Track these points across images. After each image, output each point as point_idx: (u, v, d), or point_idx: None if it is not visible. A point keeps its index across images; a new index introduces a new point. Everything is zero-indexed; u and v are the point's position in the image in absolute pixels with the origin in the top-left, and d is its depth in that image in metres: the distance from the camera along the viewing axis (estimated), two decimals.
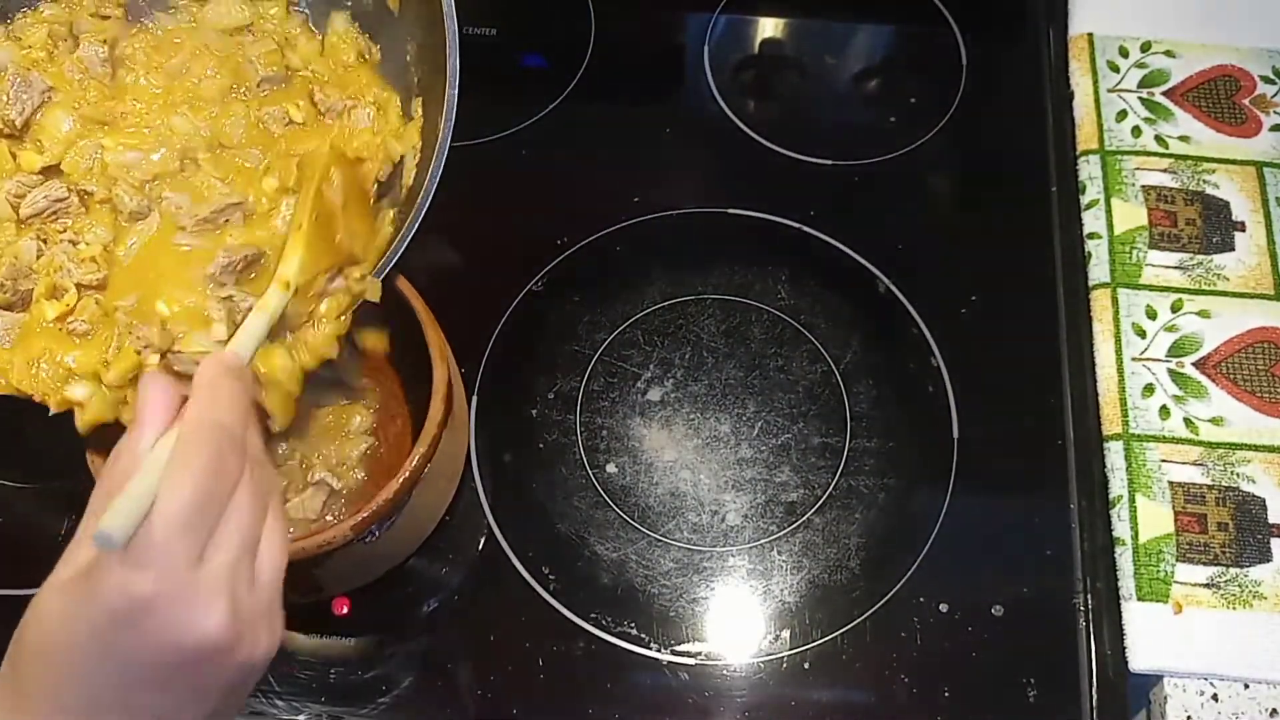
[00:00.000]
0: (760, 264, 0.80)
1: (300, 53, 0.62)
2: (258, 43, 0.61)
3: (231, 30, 0.62)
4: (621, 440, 0.74)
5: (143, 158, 0.57)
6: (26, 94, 0.57)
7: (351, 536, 0.58)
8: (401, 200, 0.63)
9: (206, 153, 0.58)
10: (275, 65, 0.61)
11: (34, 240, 0.55)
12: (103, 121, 0.58)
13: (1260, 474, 0.70)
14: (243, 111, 0.60)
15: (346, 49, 0.63)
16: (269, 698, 0.67)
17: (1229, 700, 0.64)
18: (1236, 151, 0.81)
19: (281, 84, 0.61)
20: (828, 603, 0.69)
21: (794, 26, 0.93)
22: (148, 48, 0.61)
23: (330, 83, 0.62)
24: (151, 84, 0.60)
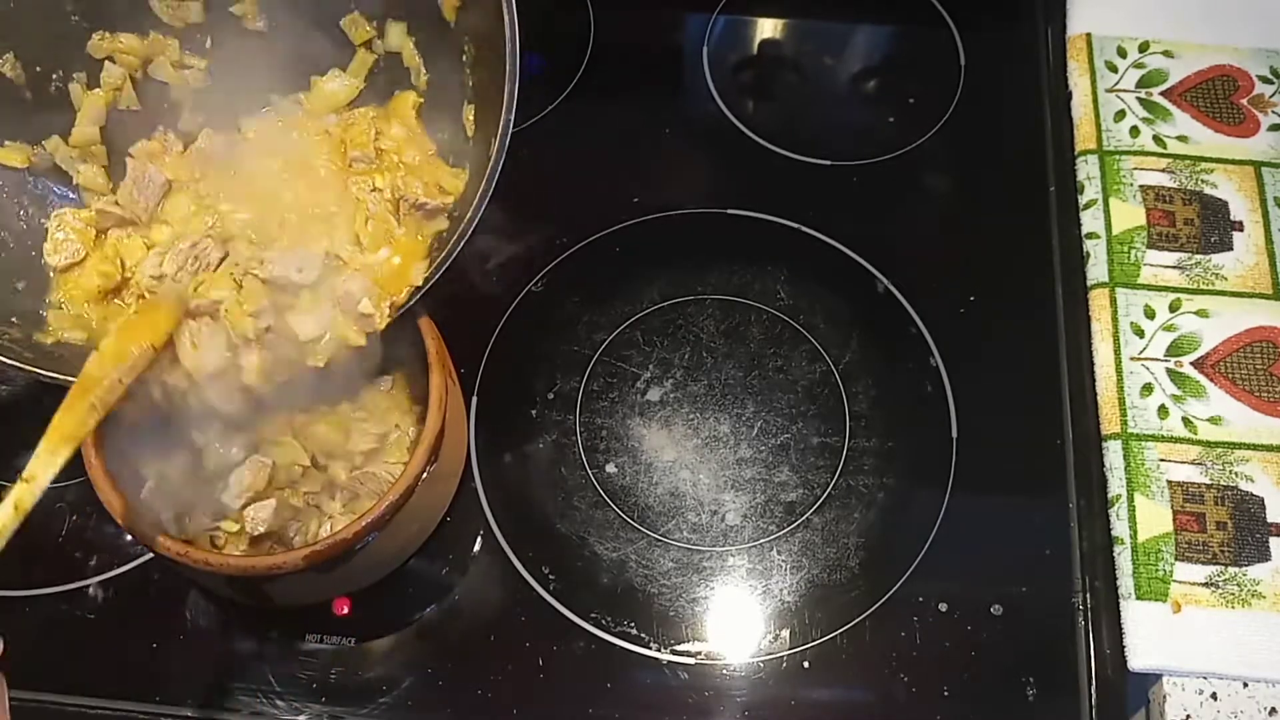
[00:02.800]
0: (760, 264, 0.80)
1: (391, 136, 0.66)
2: (354, 126, 0.66)
3: (347, 106, 0.67)
4: (621, 440, 0.74)
5: (253, 218, 0.61)
6: (149, 189, 0.63)
7: (351, 542, 0.58)
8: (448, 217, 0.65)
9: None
10: (366, 147, 0.64)
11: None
12: (220, 199, 0.63)
13: (1259, 473, 0.70)
14: (340, 186, 0.64)
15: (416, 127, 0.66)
16: (269, 698, 0.67)
17: (1228, 699, 0.64)
18: (1235, 151, 0.81)
19: (371, 163, 0.65)
20: (827, 602, 0.69)
21: (793, 27, 0.93)
22: (267, 134, 0.66)
23: (409, 171, 0.65)
24: (269, 165, 0.64)
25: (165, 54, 0.66)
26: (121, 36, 0.64)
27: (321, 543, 0.58)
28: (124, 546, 0.71)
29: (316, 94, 0.67)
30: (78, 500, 0.72)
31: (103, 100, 0.65)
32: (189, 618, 0.69)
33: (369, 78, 0.68)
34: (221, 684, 0.67)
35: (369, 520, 0.58)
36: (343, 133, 0.66)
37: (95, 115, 0.65)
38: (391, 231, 0.63)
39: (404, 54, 0.66)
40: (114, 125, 0.66)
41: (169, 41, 0.66)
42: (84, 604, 0.69)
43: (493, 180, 0.59)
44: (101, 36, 0.64)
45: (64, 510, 0.72)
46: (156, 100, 0.67)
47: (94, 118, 0.65)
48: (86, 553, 0.71)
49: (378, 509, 0.59)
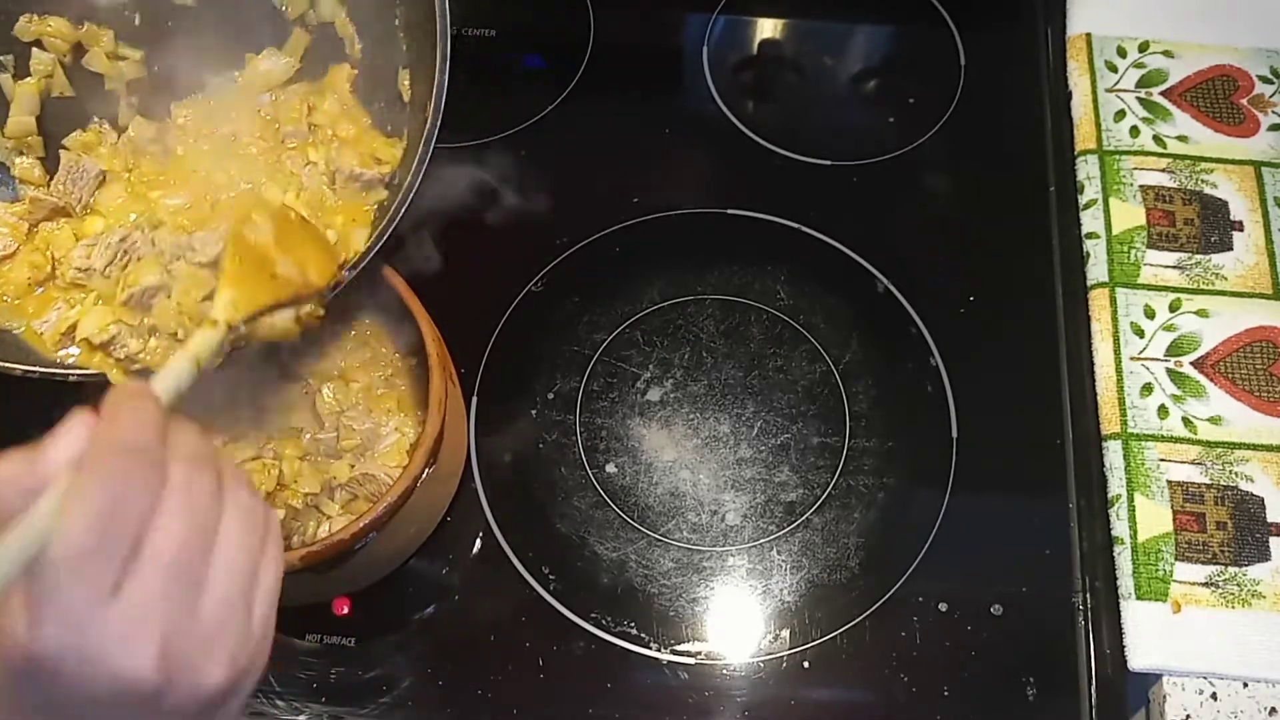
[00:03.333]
0: (759, 264, 0.80)
1: (324, 111, 0.66)
2: (286, 103, 0.66)
3: (283, 85, 0.66)
4: (621, 440, 0.74)
5: (186, 203, 0.61)
6: (82, 180, 0.62)
7: (349, 544, 0.58)
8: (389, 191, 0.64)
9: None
10: (298, 122, 0.65)
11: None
12: (153, 185, 0.63)
13: (1259, 473, 0.70)
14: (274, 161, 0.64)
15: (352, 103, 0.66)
16: (269, 698, 0.67)
17: (1228, 699, 0.64)
18: (1235, 151, 0.81)
19: (304, 138, 0.65)
20: (827, 602, 0.69)
21: (793, 27, 0.93)
22: (198, 117, 0.65)
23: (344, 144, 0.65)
24: (200, 149, 0.64)
25: (99, 44, 0.65)
26: (50, 20, 0.63)
27: (319, 543, 0.58)
28: None
29: (251, 71, 0.67)
30: None
31: (34, 89, 0.64)
32: None
33: (304, 57, 0.67)
34: None
35: (366, 522, 0.58)
36: (274, 110, 0.65)
37: (29, 105, 0.64)
38: (326, 203, 0.62)
39: (337, 23, 0.66)
40: (50, 114, 0.65)
41: (103, 31, 0.65)
42: None
43: (430, 143, 0.59)
44: (29, 19, 0.63)
45: None
46: (91, 89, 0.66)
47: (28, 107, 0.64)
48: None
49: (375, 511, 0.59)
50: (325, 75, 0.67)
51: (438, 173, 0.60)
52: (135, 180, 0.63)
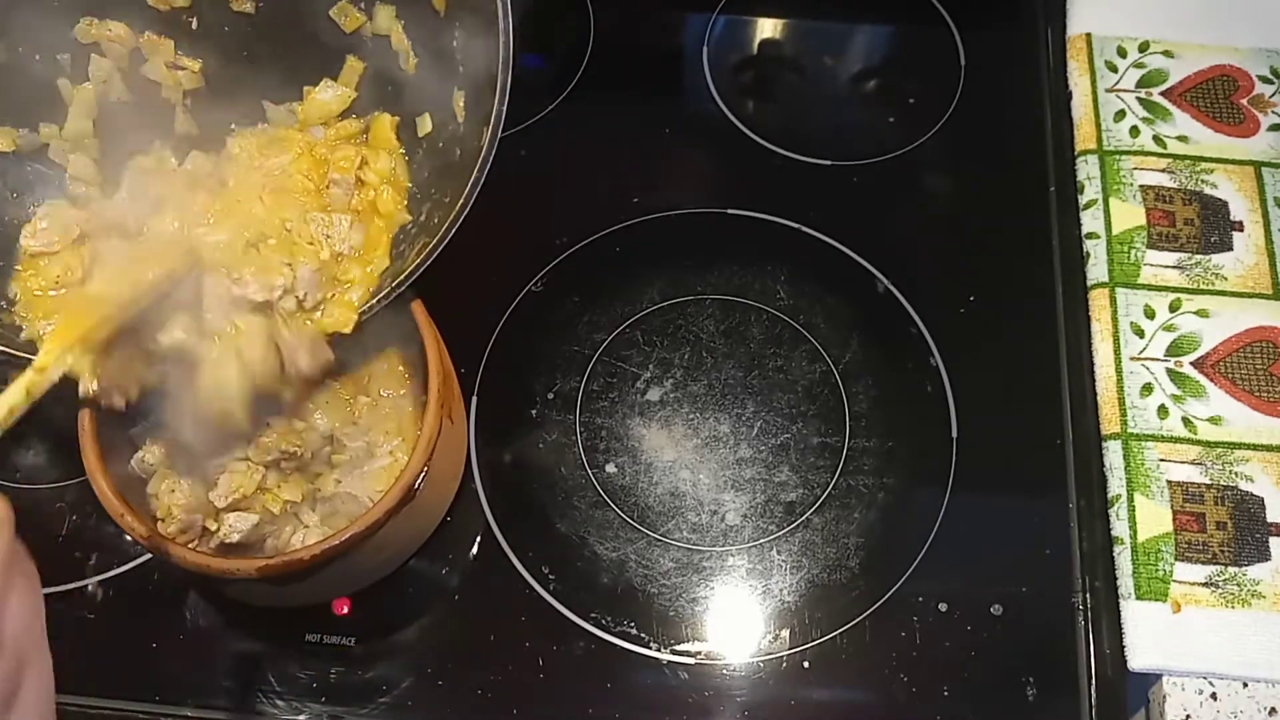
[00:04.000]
0: (759, 264, 0.80)
1: (375, 170, 0.66)
2: (341, 150, 0.66)
3: (335, 116, 0.67)
4: (621, 440, 0.74)
5: (225, 238, 0.61)
6: (143, 202, 0.63)
7: (305, 564, 0.59)
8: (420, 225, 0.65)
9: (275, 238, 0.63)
10: (348, 173, 0.65)
11: None
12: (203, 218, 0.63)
13: (1259, 473, 0.70)
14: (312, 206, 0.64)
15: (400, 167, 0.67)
16: (269, 698, 0.67)
17: (1228, 699, 0.64)
18: (1235, 151, 0.81)
19: (348, 190, 0.65)
20: (827, 602, 0.69)
21: (793, 27, 0.93)
22: (253, 148, 0.66)
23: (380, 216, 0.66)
24: (249, 180, 0.65)
25: (158, 53, 0.66)
26: (110, 24, 0.64)
27: (276, 558, 0.59)
28: (124, 546, 0.71)
29: (310, 104, 0.67)
30: (78, 500, 0.73)
31: (92, 94, 0.65)
32: (189, 618, 0.69)
33: (359, 86, 0.68)
34: (221, 684, 0.67)
35: (324, 548, 0.59)
36: (329, 152, 0.66)
37: (86, 109, 0.65)
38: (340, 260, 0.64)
39: (393, 37, 0.66)
40: (106, 118, 0.66)
41: (163, 42, 0.65)
42: (84, 604, 0.69)
43: (484, 170, 0.59)
44: (89, 22, 0.63)
45: (64, 510, 0.72)
46: (150, 98, 0.67)
47: (85, 111, 0.65)
48: (86, 553, 0.71)
49: (339, 538, 0.59)
50: (372, 125, 0.68)
51: None
52: (190, 212, 0.63)
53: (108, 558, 0.71)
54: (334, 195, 0.65)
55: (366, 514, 0.60)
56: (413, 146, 0.67)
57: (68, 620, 0.69)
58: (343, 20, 0.66)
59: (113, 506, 0.59)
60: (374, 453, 0.66)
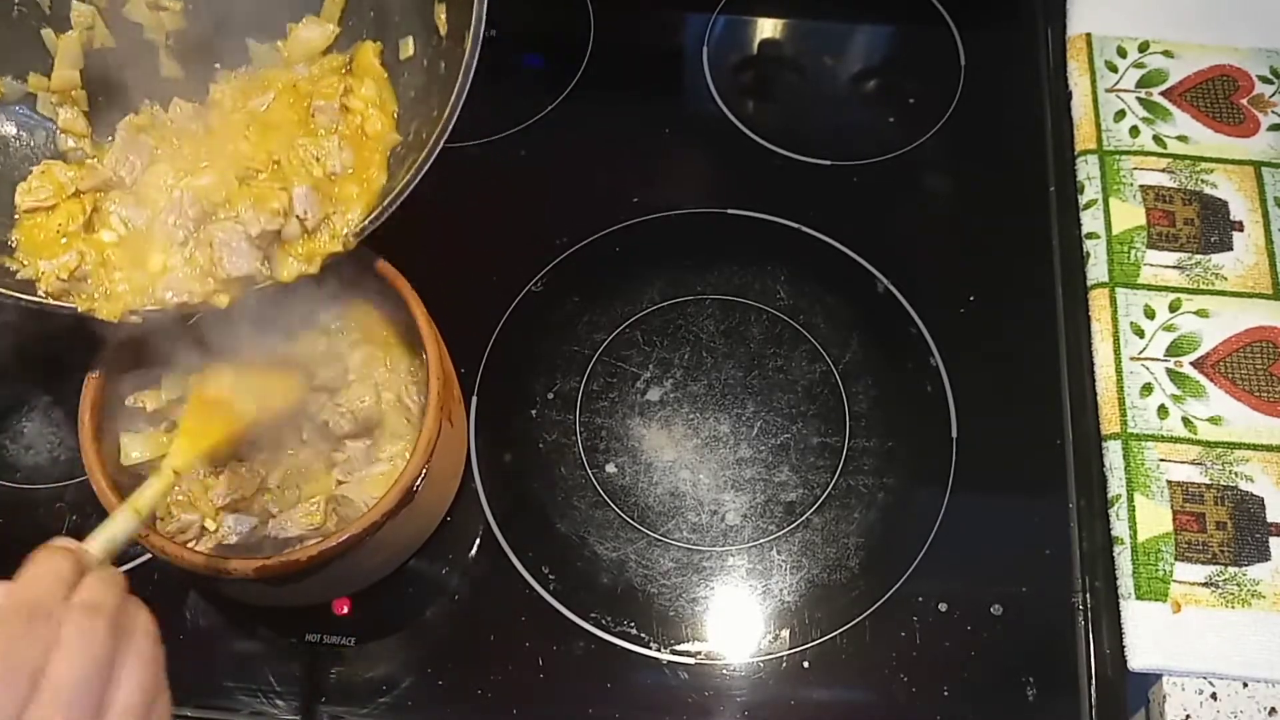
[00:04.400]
0: (759, 264, 0.80)
1: (360, 96, 0.65)
2: (324, 80, 0.66)
3: (319, 53, 0.67)
4: (621, 440, 0.74)
5: (213, 180, 0.61)
6: (136, 154, 0.62)
7: (302, 565, 0.59)
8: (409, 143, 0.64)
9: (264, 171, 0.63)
10: (332, 98, 0.64)
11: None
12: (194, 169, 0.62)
13: (1259, 473, 0.70)
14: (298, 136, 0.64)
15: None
16: (269, 698, 0.67)
17: (1228, 699, 0.64)
18: (1234, 151, 0.81)
19: (333, 117, 0.64)
20: (827, 602, 0.69)
21: (793, 27, 0.93)
22: (236, 92, 0.66)
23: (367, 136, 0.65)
24: (233, 119, 0.64)
25: None
26: None
27: (274, 559, 0.59)
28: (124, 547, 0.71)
29: (294, 41, 0.67)
30: (77, 500, 0.73)
31: (77, 42, 0.64)
32: (189, 618, 0.69)
33: (342, 20, 0.67)
34: (221, 684, 0.67)
35: (324, 548, 0.59)
36: (311, 85, 0.65)
37: (72, 58, 0.65)
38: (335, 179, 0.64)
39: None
40: (92, 67, 0.65)
41: None
42: None
43: (468, 76, 0.59)
44: None
45: (64, 510, 0.72)
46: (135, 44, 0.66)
47: (71, 60, 0.64)
48: None
49: (337, 539, 0.59)
50: (355, 53, 0.67)
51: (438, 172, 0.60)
52: (179, 161, 0.63)
53: None
54: (319, 123, 0.64)
55: (365, 515, 0.60)
56: (397, 69, 0.66)
57: None
58: None
59: (112, 506, 0.59)
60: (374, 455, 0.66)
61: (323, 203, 0.61)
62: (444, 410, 0.63)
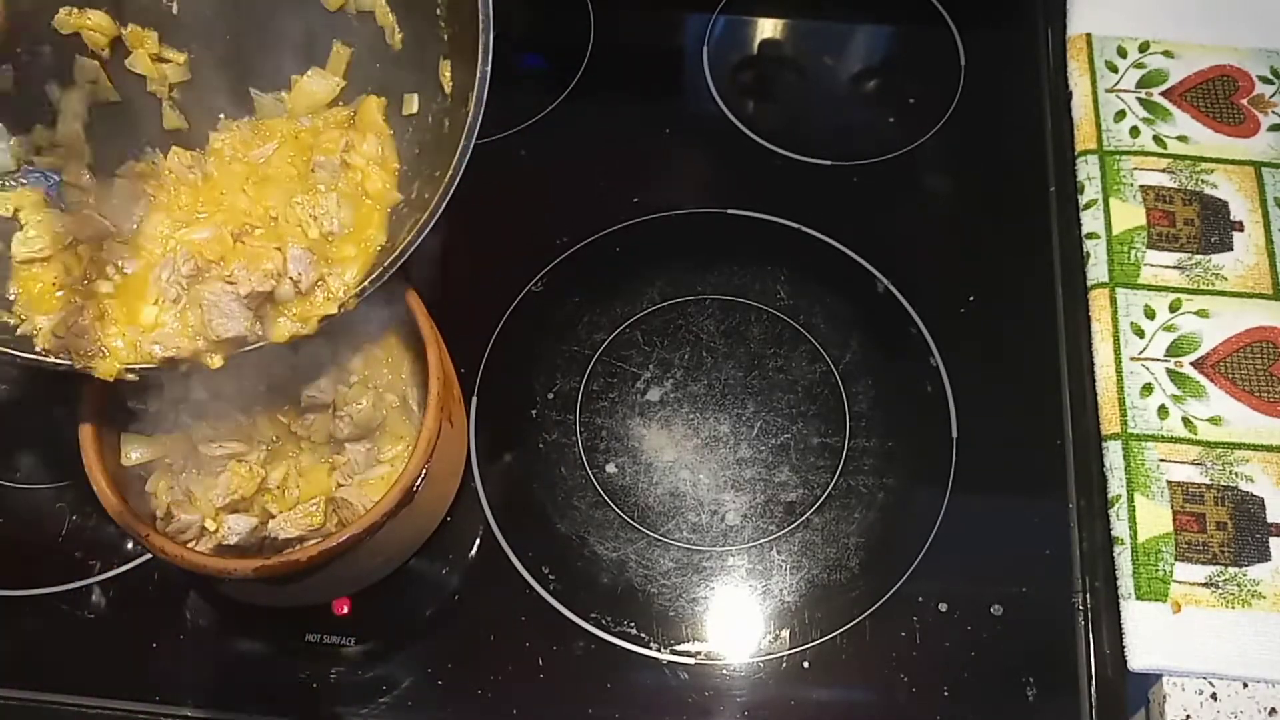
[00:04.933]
0: (759, 264, 0.80)
1: (361, 152, 0.65)
2: (326, 133, 0.65)
3: (324, 106, 0.67)
4: (621, 440, 0.74)
5: (210, 235, 0.61)
6: (134, 204, 0.62)
7: (302, 565, 0.59)
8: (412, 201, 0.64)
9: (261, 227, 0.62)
10: (333, 154, 0.64)
11: None
12: (191, 219, 0.62)
13: (1259, 473, 0.70)
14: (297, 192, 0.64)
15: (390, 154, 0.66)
16: (269, 698, 0.67)
17: (1228, 699, 0.64)
18: (1235, 151, 0.81)
19: (334, 173, 0.64)
20: (827, 602, 0.69)
21: (793, 27, 0.93)
22: (237, 141, 0.66)
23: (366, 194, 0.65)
24: (232, 170, 0.64)
25: (144, 46, 0.65)
26: (90, 13, 0.63)
27: (274, 559, 0.59)
28: (124, 546, 0.71)
29: (298, 92, 0.67)
30: (77, 500, 0.73)
31: (80, 98, 0.64)
32: (189, 618, 0.69)
33: (347, 73, 0.67)
34: (221, 684, 0.67)
35: (324, 548, 0.59)
36: (313, 138, 0.65)
37: (76, 113, 0.65)
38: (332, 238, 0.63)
39: (377, 12, 0.65)
40: (97, 120, 0.65)
41: (147, 34, 0.65)
42: (84, 604, 0.69)
43: (470, 140, 0.59)
44: (69, 12, 0.62)
45: (64, 510, 0.72)
46: (138, 95, 0.66)
47: (76, 115, 0.65)
48: (86, 553, 0.71)
49: (336, 539, 0.59)
50: (359, 108, 0.67)
51: None
52: (177, 211, 0.63)
53: (108, 558, 0.71)
54: (319, 179, 0.64)
55: (365, 516, 0.60)
56: (401, 126, 0.66)
57: (68, 620, 0.69)
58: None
59: (112, 506, 0.59)
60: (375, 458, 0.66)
61: (318, 264, 0.60)
62: (444, 410, 0.63)
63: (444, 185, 0.59)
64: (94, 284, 0.60)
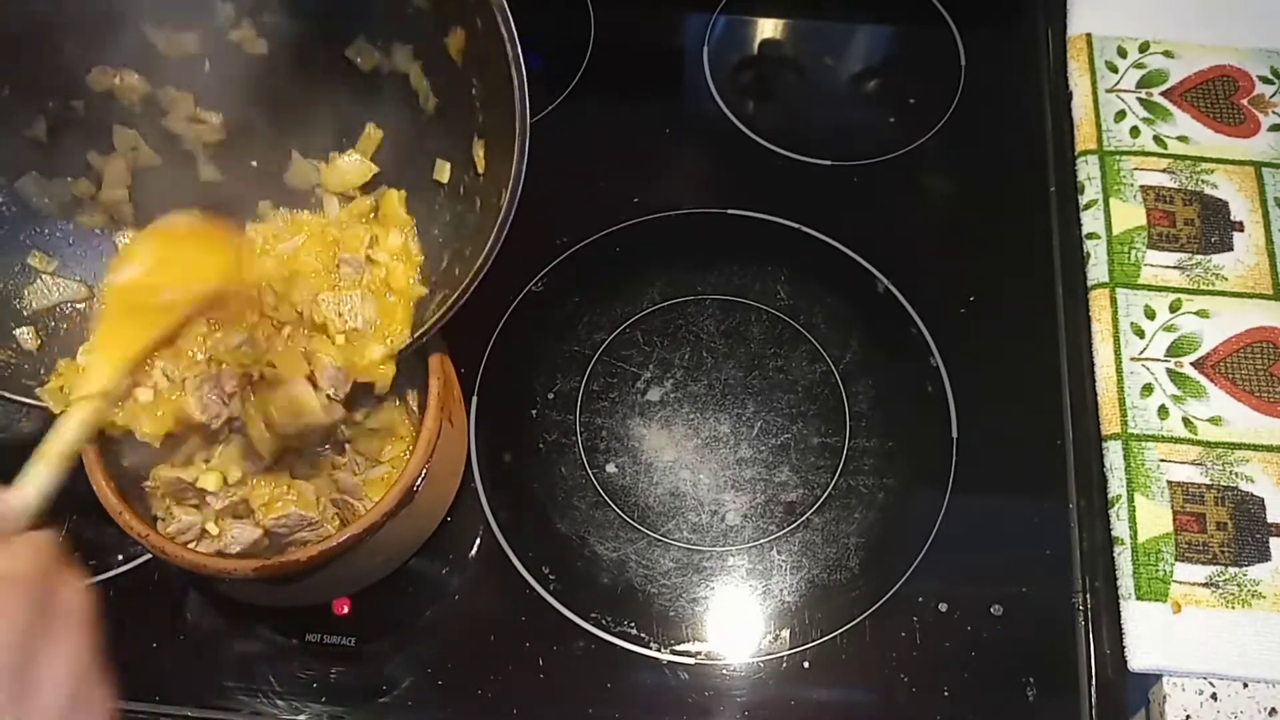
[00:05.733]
0: (760, 264, 0.80)
1: (385, 247, 0.66)
2: (351, 229, 0.66)
3: (354, 188, 0.68)
4: (621, 440, 0.74)
5: (246, 337, 0.61)
6: None
7: (302, 565, 0.59)
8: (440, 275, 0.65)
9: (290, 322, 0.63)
10: (357, 251, 0.65)
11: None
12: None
13: (1259, 473, 0.70)
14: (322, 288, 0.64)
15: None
16: (269, 697, 0.67)
17: (1228, 699, 0.64)
18: (1235, 152, 0.81)
19: (359, 270, 0.65)
20: (827, 602, 0.69)
21: (793, 27, 0.93)
22: (269, 234, 0.67)
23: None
24: (263, 267, 0.65)
25: (179, 108, 0.66)
26: (123, 72, 0.64)
27: (273, 559, 0.59)
28: (124, 546, 0.71)
29: (332, 171, 0.68)
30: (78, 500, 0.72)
31: (122, 164, 0.66)
32: (189, 618, 0.69)
33: (378, 155, 0.68)
34: (221, 684, 0.67)
35: (322, 548, 0.59)
36: (339, 233, 0.66)
37: (119, 177, 0.66)
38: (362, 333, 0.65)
39: (411, 76, 0.65)
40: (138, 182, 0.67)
41: (182, 96, 0.65)
42: None
43: (504, 227, 0.59)
44: (101, 71, 0.63)
45: (64, 510, 0.72)
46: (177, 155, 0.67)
47: (119, 180, 0.66)
48: (86, 553, 0.71)
49: (335, 540, 0.59)
50: (381, 201, 0.68)
51: None
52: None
53: (108, 558, 0.71)
54: (344, 274, 0.65)
55: (364, 516, 0.60)
56: (432, 194, 0.66)
57: None
58: (359, 59, 0.65)
59: (112, 506, 0.59)
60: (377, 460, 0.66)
61: (350, 376, 0.61)
62: (444, 411, 0.63)
63: (475, 269, 0.60)
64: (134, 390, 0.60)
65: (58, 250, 0.66)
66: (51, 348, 0.64)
